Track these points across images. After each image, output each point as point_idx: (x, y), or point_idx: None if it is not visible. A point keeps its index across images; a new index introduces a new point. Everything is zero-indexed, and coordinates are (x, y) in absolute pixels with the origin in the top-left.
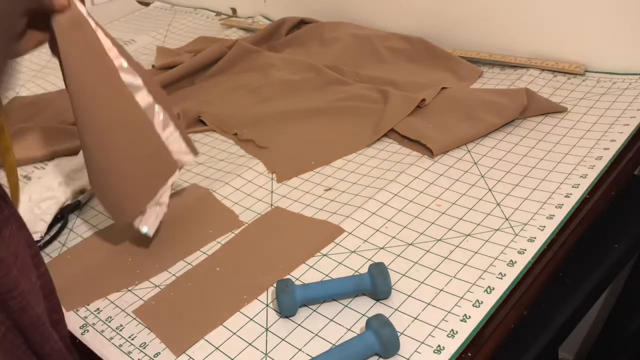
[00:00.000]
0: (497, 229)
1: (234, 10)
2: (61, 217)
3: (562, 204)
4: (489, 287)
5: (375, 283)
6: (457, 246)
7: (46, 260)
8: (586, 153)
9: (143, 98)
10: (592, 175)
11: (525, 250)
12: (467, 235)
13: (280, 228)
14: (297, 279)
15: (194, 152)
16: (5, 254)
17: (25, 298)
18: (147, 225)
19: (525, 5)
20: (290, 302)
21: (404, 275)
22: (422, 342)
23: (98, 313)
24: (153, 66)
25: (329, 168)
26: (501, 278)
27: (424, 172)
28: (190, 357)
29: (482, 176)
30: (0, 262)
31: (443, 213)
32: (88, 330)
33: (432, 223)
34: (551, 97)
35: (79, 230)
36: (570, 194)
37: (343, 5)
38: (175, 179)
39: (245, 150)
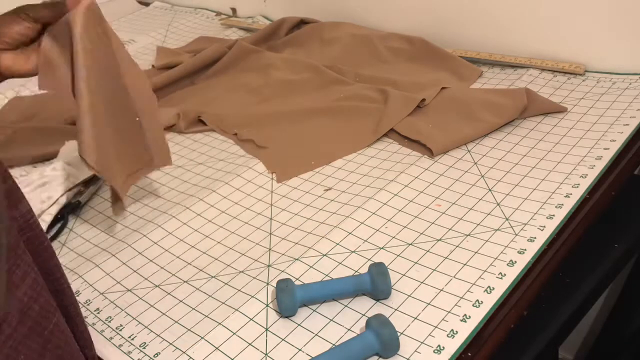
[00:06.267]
0: (497, 229)
1: (234, 10)
2: (61, 217)
3: (562, 204)
4: (489, 287)
5: (375, 283)
6: (457, 246)
7: None
8: (586, 153)
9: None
10: (592, 175)
11: (525, 250)
12: (467, 235)
13: None
14: (297, 279)
15: (168, 161)
16: (29, 207)
17: (51, 246)
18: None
19: (525, 5)
20: (290, 302)
21: (404, 275)
22: (422, 342)
23: (98, 313)
24: (153, 66)
25: (329, 168)
26: (501, 278)
27: (424, 172)
28: (190, 357)
29: (482, 176)
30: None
31: (443, 213)
32: None
33: (432, 223)
34: (551, 97)
35: (79, 230)
36: (570, 194)
37: (343, 5)
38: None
39: (245, 150)
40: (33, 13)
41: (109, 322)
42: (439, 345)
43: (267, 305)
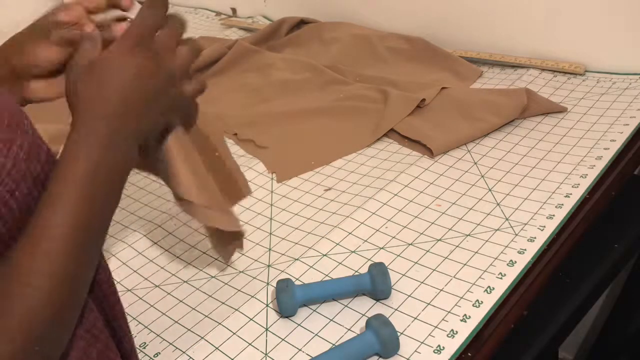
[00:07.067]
0: (497, 229)
1: (234, 10)
2: None
3: (562, 204)
4: (489, 287)
5: (375, 283)
6: (457, 246)
7: None
8: (586, 153)
9: None
10: (592, 175)
11: (525, 250)
12: (467, 235)
13: None
14: (297, 279)
15: (248, 190)
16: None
17: (117, 291)
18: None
19: (525, 5)
20: (290, 302)
21: (404, 275)
22: (422, 342)
23: None
24: None
25: (329, 168)
26: (501, 278)
27: (424, 172)
28: (190, 357)
29: (482, 176)
30: None
31: (443, 213)
32: None
33: (432, 223)
34: (551, 97)
35: None
36: (570, 194)
37: (343, 5)
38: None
39: (245, 150)
40: (61, 35)
41: None
42: (439, 345)
43: (267, 305)
